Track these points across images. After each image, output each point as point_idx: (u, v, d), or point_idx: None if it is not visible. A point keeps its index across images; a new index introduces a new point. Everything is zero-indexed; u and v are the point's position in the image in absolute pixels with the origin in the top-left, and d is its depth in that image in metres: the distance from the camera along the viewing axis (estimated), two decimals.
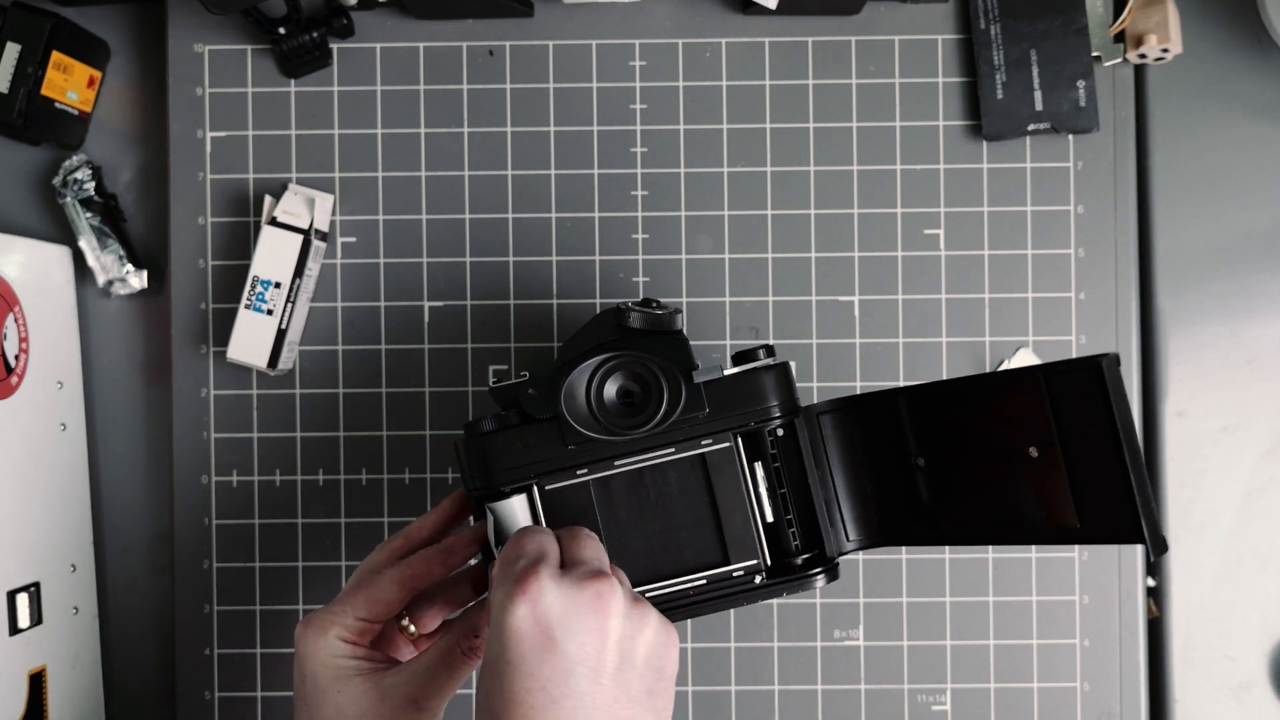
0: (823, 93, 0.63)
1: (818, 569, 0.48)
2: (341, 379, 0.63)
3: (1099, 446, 0.40)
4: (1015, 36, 0.61)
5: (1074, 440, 0.41)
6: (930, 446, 0.47)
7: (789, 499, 0.49)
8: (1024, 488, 0.43)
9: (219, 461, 0.62)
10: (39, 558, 0.59)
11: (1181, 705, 0.62)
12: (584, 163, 0.63)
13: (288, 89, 0.63)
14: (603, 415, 0.47)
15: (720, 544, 0.48)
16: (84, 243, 0.62)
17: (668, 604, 0.48)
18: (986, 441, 0.44)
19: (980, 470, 0.45)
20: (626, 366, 0.47)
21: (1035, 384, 0.41)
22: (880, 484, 0.49)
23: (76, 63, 0.62)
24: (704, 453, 0.48)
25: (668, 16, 0.63)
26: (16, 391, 0.58)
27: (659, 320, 0.49)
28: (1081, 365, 0.40)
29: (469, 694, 0.62)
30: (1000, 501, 0.44)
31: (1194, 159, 0.63)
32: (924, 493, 0.47)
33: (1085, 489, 0.41)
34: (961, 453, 0.46)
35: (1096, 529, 0.41)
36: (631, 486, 0.48)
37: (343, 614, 0.47)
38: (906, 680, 0.62)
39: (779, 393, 0.48)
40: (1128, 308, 0.62)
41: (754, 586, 0.48)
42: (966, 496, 0.46)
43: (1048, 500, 0.42)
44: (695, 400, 0.47)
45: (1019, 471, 0.43)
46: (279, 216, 0.60)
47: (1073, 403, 0.41)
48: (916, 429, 0.47)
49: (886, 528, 0.49)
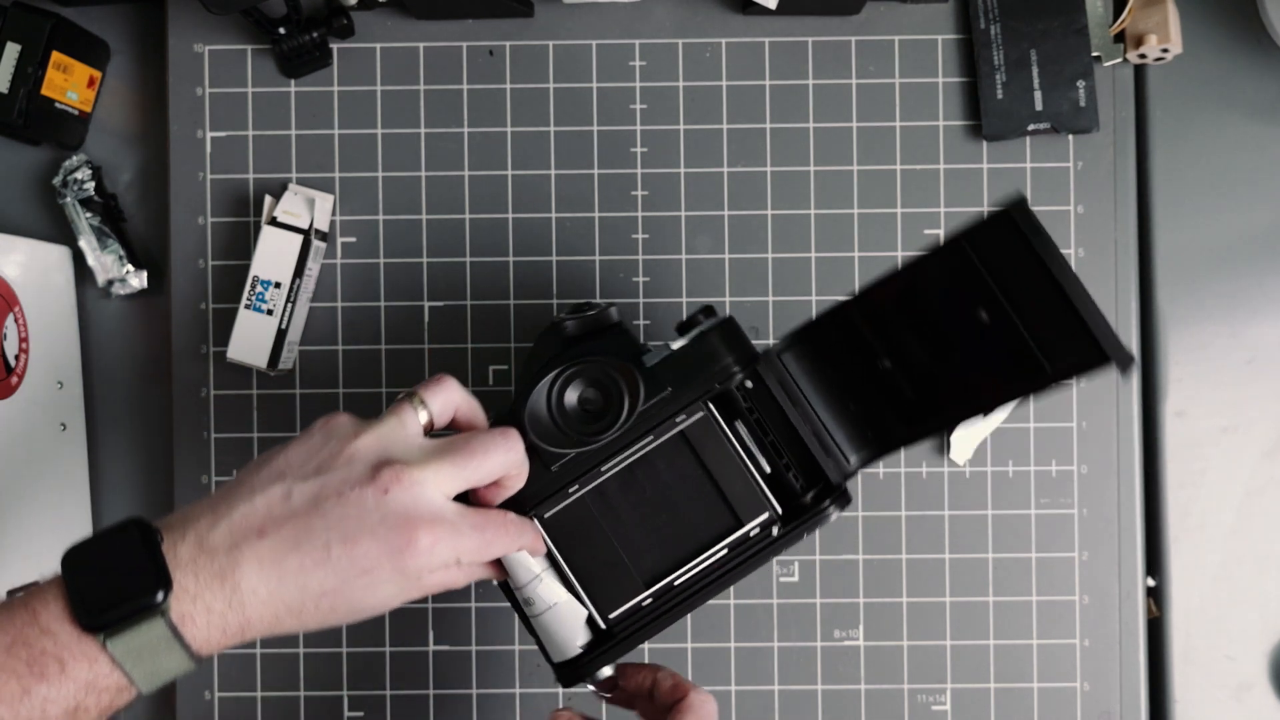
0: (823, 93, 0.63)
1: (827, 500, 0.48)
2: (341, 379, 0.63)
3: (1038, 287, 0.40)
4: (1015, 36, 0.61)
5: (1014, 291, 0.41)
6: (892, 346, 0.46)
7: (779, 445, 0.49)
8: (988, 351, 0.43)
9: (219, 461, 0.62)
10: (39, 558, 0.59)
11: (1181, 705, 0.62)
12: (584, 163, 0.63)
13: (288, 89, 0.63)
14: (572, 428, 0.47)
15: (728, 509, 0.48)
16: (84, 243, 0.62)
17: (699, 584, 0.48)
18: (939, 321, 0.44)
19: (944, 350, 0.45)
20: (578, 375, 0.47)
21: (962, 252, 0.42)
22: (860, 399, 0.48)
23: (76, 63, 0.62)
24: (682, 429, 0.48)
25: (668, 16, 0.63)
26: (16, 391, 0.58)
27: (595, 320, 0.49)
28: (994, 219, 0.40)
29: (470, 694, 0.62)
30: (973, 372, 0.44)
31: (1194, 159, 0.63)
32: (906, 391, 0.47)
33: (1041, 332, 0.41)
34: (922, 340, 0.46)
35: (1066, 365, 0.41)
36: (626, 486, 0.48)
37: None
38: (906, 680, 0.62)
39: (732, 348, 0.48)
40: (1128, 308, 0.62)
41: (774, 539, 0.48)
42: (941, 380, 0.46)
43: (1014, 355, 0.42)
44: (654, 384, 0.47)
45: (978, 338, 0.43)
46: (279, 216, 0.60)
47: (1000, 256, 0.41)
48: (874, 334, 0.47)
49: (881, 438, 0.49)
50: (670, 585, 0.48)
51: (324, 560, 0.40)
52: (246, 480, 0.42)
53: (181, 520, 0.41)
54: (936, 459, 0.62)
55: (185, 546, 0.40)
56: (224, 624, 0.40)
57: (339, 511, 0.41)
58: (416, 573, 0.42)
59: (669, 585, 0.48)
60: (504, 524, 0.45)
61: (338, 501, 0.41)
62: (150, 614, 0.38)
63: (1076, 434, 0.62)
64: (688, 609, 0.48)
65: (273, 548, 0.40)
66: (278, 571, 0.40)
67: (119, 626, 0.38)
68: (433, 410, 0.45)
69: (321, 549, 0.40)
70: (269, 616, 0.40)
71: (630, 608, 0.48)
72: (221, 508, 0.41)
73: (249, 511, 0.41)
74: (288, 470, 0.42)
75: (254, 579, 0.40)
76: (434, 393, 0.45)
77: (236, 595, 0.39)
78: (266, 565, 0.40)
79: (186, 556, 0.39)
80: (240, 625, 0.40)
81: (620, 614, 0.48)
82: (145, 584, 0.38)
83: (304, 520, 0.40)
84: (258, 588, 0.40)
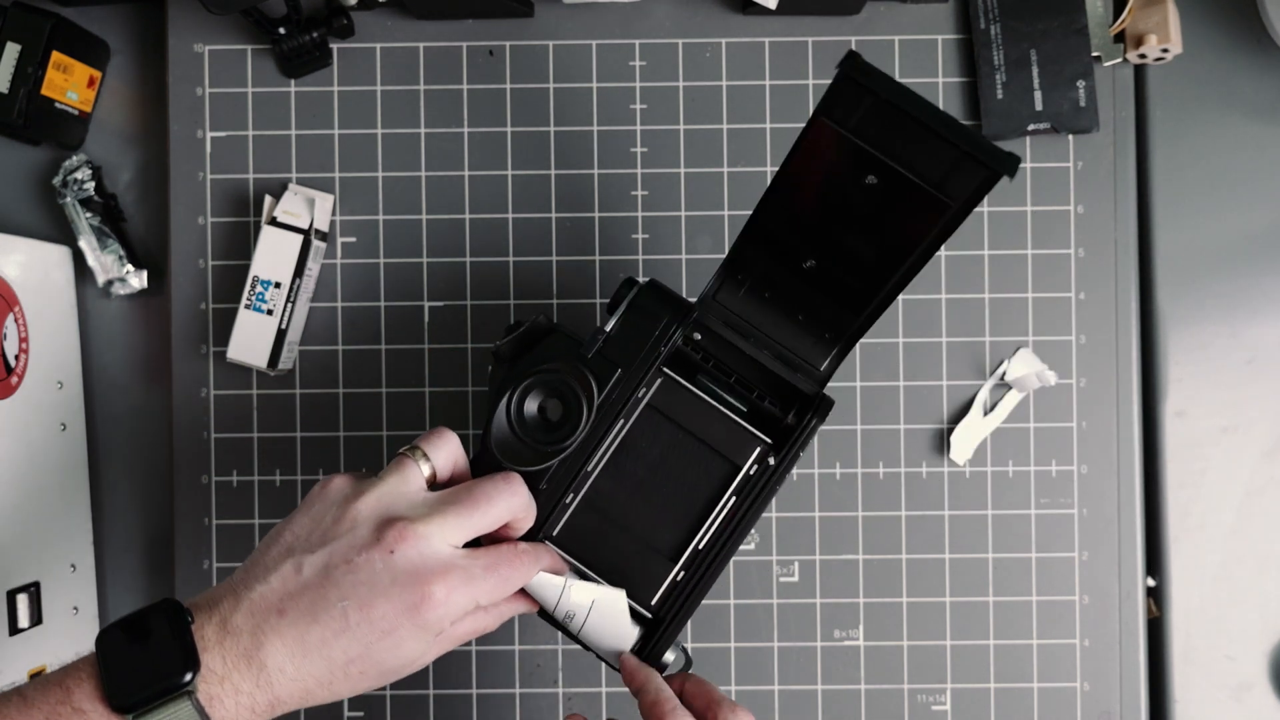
0: (823, 93, 0.62)
1: (810, 413, 0.48)
2: (341, 379, 0.63)
3: (904, 130, 0.40)
4: (1015, 36, 0.61)
5: (885, 143, 0.41)
6: (810, 244, 0.47)
7: (745, 380, 0.49)
8: (894, 210, 0.43)
9: (219, 461, 0.62)
10: (39, 558, 0.59)
11: (1181, 705, 0.62)
12: (584, 163, 0.63)
13: (288, 89, 0.63)
14: (542, 441, 0.47)
15: (721, 458, 0.48)
16: (84, 243, 0.62)
17: (722, 539, 0.48)
18: (841, 203, 0.44)
19: (858, 228, 0.45)
20: (529, 389, 0.47)
21: (824, 126, 0.42)
22: (805, 307, 0.49)
23: (76, 63, 0.62)
24: (648, 401, 0.48)
25: (668, 16, 0.63)
26: (16, 391, 0.58)
27: (527, 334, 0.49)
28: (835, 84, 0.41)
29: (470, 694, 0.62)
30: (892, 236, 0.44)
31: (1194, 159, 0.63)
32: (842, 279, 0.47)
33: (928, 171, 0.41)
34: (834, 228, 0.46)
35: (963, 191, 0.41)
36: (617, 476, 0.48)
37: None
38: (906, 680, 0.62)
39: (665, 307, 0.48)
40: (1128, 308, 0.62)
41: (774, 468, 0.48)
42: (867, 256, 0.46)
43: (917, 202, 0.42)
44: (604, 370, 0.47)
45: (879, 201, 0.43)
46: (279, 216, 0.60)
47: (858, 116, 0.41)
48: (791, 240, 0.47)
49: (838, 333, 0.49)
50: (696, 551, 0.48)
51: (344, 629, 0.41)
52: (260, 560, 0.43)
53: (208, 602, 0.42)
54: (936, 459, 0.62)
55: (211, 628, 0.41)
56: (252, 703, 0.40)
57: (350, 578, 0.41)
58: (437, 625, 0.42)
59: (695, 552, 0.48)
60: (514, 556, 0.45)
61: (348, 568, 0.41)
62: (178, 695, 0.39)
63: (1076, 434, 0.62)
64: (720, 567, 0.48)
65: (293, 624, 0.41)
66: (301, 648, 0.41)
67: (148, 707, 0.39)
68: (435, 463, 0.46)
69: (339, 617, 0.41)
70: (299, 692, 0.41)
71: (667, 588, 0.48)
72: (241, 589, 0.42)
73: (266, 591, 0.41)
74: (295, 544, 0.43)
75: (280, 657, 0.40)
76: (435, 445, 0.46)
77: (264, 674, 0.40)
78: (290, 642, 0.40)
79: (213, 639, 0.40)
80: (269, 703, 0.41)
81: (660, 597, 0.48)
82: (174, 665, 0.39)
83: (318, 591, 0.41)
84: (284, 665, 0.40)
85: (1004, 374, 0.62)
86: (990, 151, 0.39)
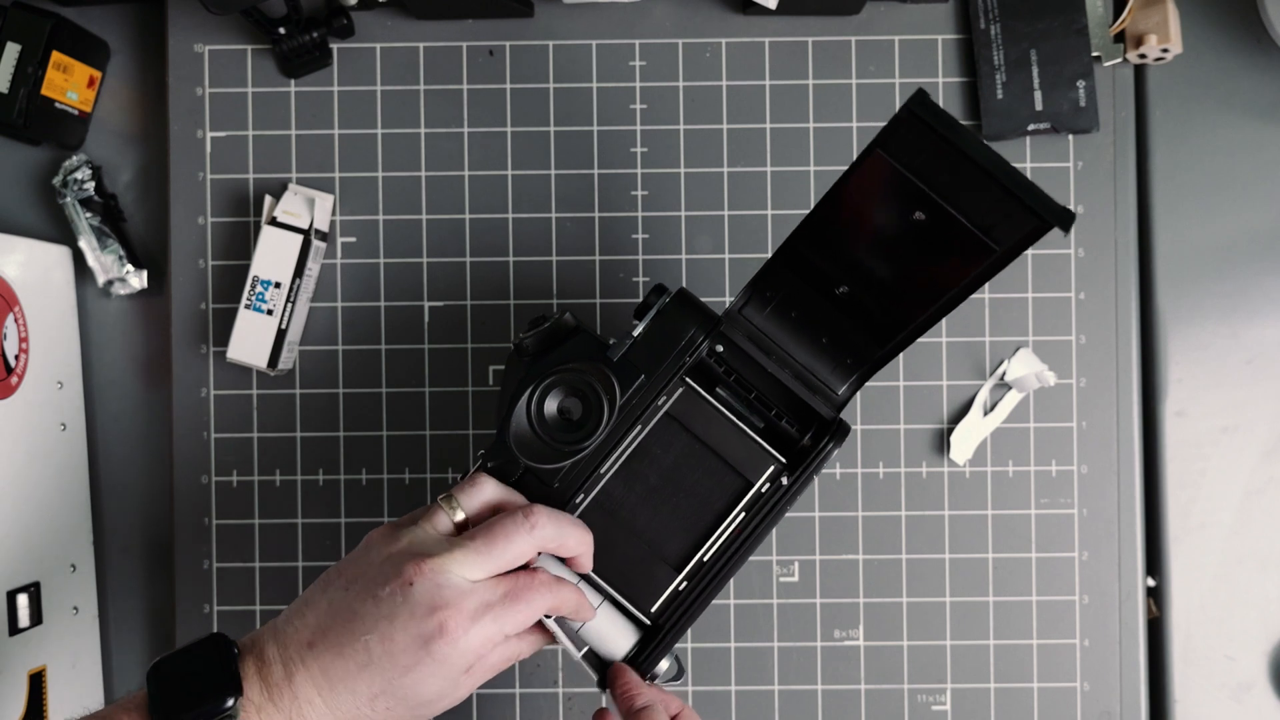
0: (823, 93, 0.63)
1: (826, 437, 0.48)
2: (341, 379, 0.63)
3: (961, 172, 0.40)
4: (1015, 36, 0.61)
5: (941, 182, 0.41)
6: (844, 270, 0.47)
7: (765, 397, 0.49)
8: (937, 248, 0.43)
9: (219, 461, 0.62)
10: (39, 558, 0.59)
11: (1181, 705, 0.62)
12: (584, 163, 0.63)
13: (288, 89, 0.63)
14: (560, 440, 0.47)
15: (734, 473, 0.48)
16: (84, 243, 0.62)
17: (727, 554, 0.48)
18: (880, 233, 0.44)
19: (895, 261, 0.45)
20: (551, 387, 0.47)
21: (880, 160, 0.41)
22: (830, 331, 0.49)
23: (76, 63, 0.62)
24: (667, 410, 0.48)
25: (668, 16, 0.63)
26: (16, 391, 0.58)
27: (552, 331, 0.49)
28: (899, 119, 0.40)
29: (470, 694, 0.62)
30: (926, 272, 0.44)
31: (1194, 159, 0.63)
32: (871, 308, 0.47)
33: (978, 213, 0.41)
34: (870, 256, 0.46)
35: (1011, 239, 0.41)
36: (630, 481, 0.48)
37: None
38: (906, 680, 0.62)
39: (692, 318, 0.48)
40: (1128, 308, 0.62)
41: (785, 488, 0.48)
42: (899, 288, 0.46)
43: (960, 243, 0.42)
44: (627, 374, 0.47)
45: (923, 238, 0.43)
46: (279, 216, 0.60)
47: (917, 153, 0.41)
48: (825, 264, 0.47)
49: (860, 361, 0.49)
50: (700, 563, 0.48)
51: (366, 662, 0.42)
52: (304, 597, 0.45)
53: (251, 639, 0.44)
54: (936, 459, 0.62)
55: (251, 660, 0.42)
56: None
57: (374, 613, 0.42)
58: (461, 659, 0.43)
59: (699, 564, 0.48)
60: (531, 582, 0.45)
61: (374, 604, 0.42)
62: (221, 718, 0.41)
63: (1076, 434, 0.62)
64: (723, 581, 0.48)
65: (318, 656, 0.42)
66: (328, 680, 0.42)
67: None
68: (466, 508, 0.46)
69: (362, 651, 0.42)
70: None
71: (668, 596, 0.48)
72: (280, 623, 0.44)
73: (300, 625, 0.43)
74: (331, 582, 0.44)
75: (309, 690, 0.42)
76: (469, 494, 0.46)
77: (295, 705, 0.42)
78: (317, 675, 0.42)
79: (253, 670, 0.42)
80: None
81: (660, 605, 0.48)
82: (219, 690, 0.41)
83: (345, 626, 0.42)
84: (313, 698, 0.42)
85: (1004, 374, 0.62)
86: (1046, 204, 0.39)
